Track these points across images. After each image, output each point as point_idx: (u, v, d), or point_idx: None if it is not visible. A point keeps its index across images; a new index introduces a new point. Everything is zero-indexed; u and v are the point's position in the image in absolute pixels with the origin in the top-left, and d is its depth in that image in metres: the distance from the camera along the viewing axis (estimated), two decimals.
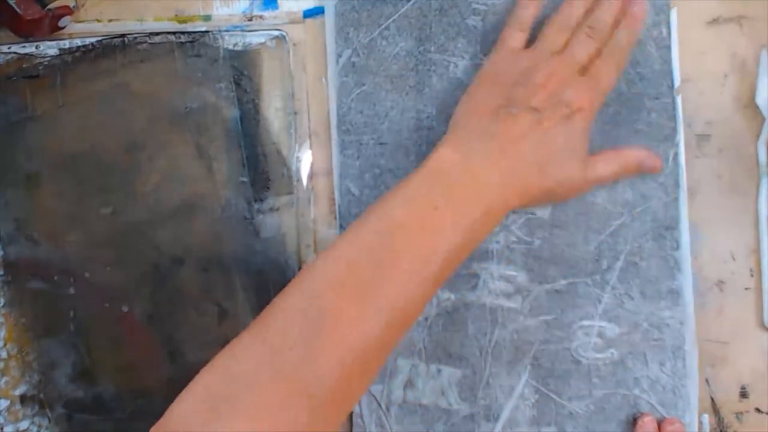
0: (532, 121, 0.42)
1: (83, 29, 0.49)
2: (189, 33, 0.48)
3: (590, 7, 0.45)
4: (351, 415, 0.48)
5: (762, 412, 0.48)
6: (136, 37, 0.48)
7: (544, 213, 0.48)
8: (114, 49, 0.48)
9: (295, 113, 0.49)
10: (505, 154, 0.42)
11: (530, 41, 0.46)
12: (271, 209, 0.48)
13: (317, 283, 0.38)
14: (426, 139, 0.48)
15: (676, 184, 0.47)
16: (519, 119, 0.42)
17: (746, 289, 0.49)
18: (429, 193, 0.40)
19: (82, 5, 0.49)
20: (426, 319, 0.48)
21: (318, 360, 0.36)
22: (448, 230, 0.40)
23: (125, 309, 0.48)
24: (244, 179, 0.48)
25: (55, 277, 0.48)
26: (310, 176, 0.49)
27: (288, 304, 0.38)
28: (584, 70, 0.44)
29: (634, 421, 0.47)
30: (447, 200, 0.40)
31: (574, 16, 0.45)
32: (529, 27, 0.46)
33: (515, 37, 0.46)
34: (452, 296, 0.48)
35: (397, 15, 0.49)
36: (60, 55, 0.48)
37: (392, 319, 0.38)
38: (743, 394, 0.48)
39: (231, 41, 0.48)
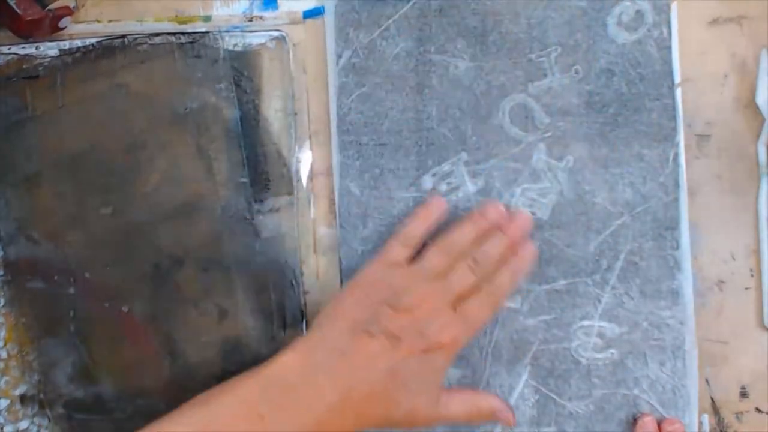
0: (388, 347, 0.40)
1: (83, 30, 0.49)
2: (189, 34, 0.48)
3: (479, 238, 0.44)
4: None
5: (762, 412, 0.48)
6: (136, 38, 0.48)
7: (544, 213, 0.48)
8: (114, 49, 0.48)
9: (295, 114, 0.49)
10: (350, 376, 0.40)
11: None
12: (271, 209, 0.48)
13: None
14: (426, 140, 0.48)
15: (676, 184, 0.47)
16: (374, 341, 0.40)
17: (746, 289, 0.49)
18: (259, 399, 0.38)
19: (82, 6, 0.49)
20: None
21: None
22: None
23: (125, 309, 0.48)
24: (244, 179, 0.48)
25: (55, 277, 0.48)
26: (310, 176, 0.49)
27: None
28: (458, 300, 0.42)
29: (634, 421, 0.47)
30: (275, 410, 0.38)
31: (460, 243, 0.44)
32: (416, 244, 0.45)
33: (397, 252, 0.44)
34: None
35: (397, 15, 0.49)
36: (60, 55, 0.48)
37: None
38: (743, 394, 0.48)
39: (231, 42, 0.49)
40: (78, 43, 0.48)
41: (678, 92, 0.47)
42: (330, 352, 0.40)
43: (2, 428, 0.48)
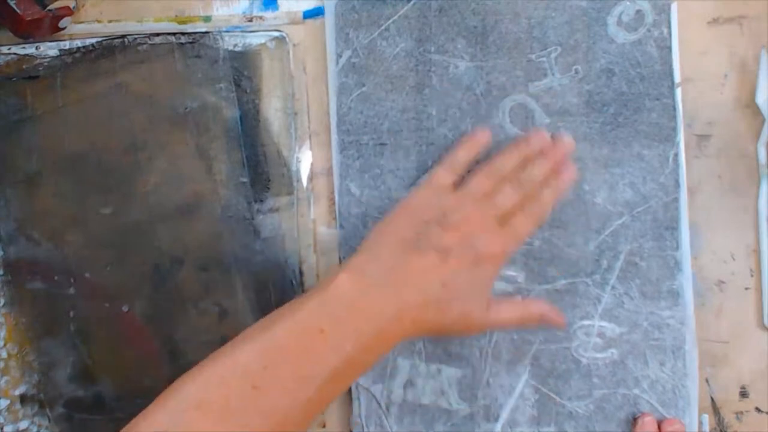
0: (438, 260, 0.42)
1: (83, 30, 0.49)
2: (189, 34, 0.48)
3: (523, 162, 0.45)
4: (351, 415, 0.48)
5: (762, 412, 0.48)
6: (136, 38, 0.48)
7: None
8: (114, 49, 0.48)
9: (295, 113, 0.49)
10: (405, 288, 0.41)
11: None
12: (271, 209, 0.48)
13: (182, 402, 0.37)
14: (426, 140, 0.48)
15: (676, 184, 0.47)
16: (425, 256, 0.42)
17: (746, 289, 0.49)
18: (318, 316, 0.40)
19: (82, 6, 0.49)
20: None
21: None
22: (330, 354, 0.39)
23: (125, 309, 0.48)
24: (244, 179, 0.48)
25: (55, 277, 0.48)
26: (310, 176, 0.49)
27: (149, 423, 0.37)
28: (503, 219, 0.44)
29: (634, 421, 0.47)
30: (334, 324, 0.39)
31: (505, 167, 0.45)
32: (462, 170, 0.46)
33: (444, 176, 0.45)
34: None
35: (397, 16, 0.49)
36: (60, 55, 0.48)
37: None
38: (743, 394, 0.48)
39: (231, 42, 0.49)
40: (78, 43, 0.48)
41: (678, 92, 0.47)
42: (382, 270, 0.42)
43: (2, 428, 0.48)
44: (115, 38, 0.48)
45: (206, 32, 0.48)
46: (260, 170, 0.49)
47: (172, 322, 0.48)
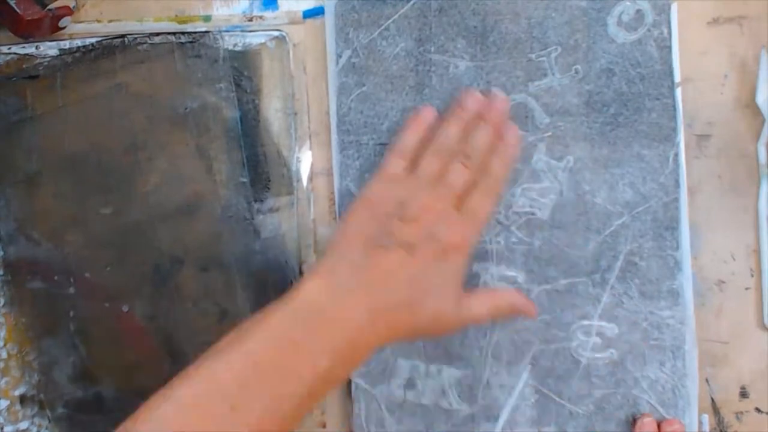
0: (405, 256, 0.41)
1: (83, 29, 0.49)
2: (189, 33, 0.48)
3: (466, 131, 0.45)
4: (351, 415, 0.48)
5: (762, 412, 0.48)
6: (136, 38, 0.48)
7: (544, 213, 0.48)
8: (114, 49, 0.48)
9: (295, 113, 0.49)
10: (374, 289, 0.40)
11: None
12: (271, 209, 0.48)
13: (160, 424, 0.36)
14: None
15: (676, 184, 0.47)
16: (391, 253, 0.41)
17: (746, 289, 0.49)
18: (290, 327, 0.39)
19: (82, 5, 0.49)
20: None
21: None
22: (307, 370, 0.38)
23: (125, 309, 0.48)
24: (244, 179, 0.48)
25: (55, 277, 0.48)
26: (310, 176, 0.49)
27: None
28: (460, 200, 0.43)
29: (633, 421, 0.47)
30: (308, 334, 0.39)
31: (450, 142, 0.45)
32: (412, 153, 0.45)
33: (395, 164, 0.45)
34: None
35: (397, 15, 0.49)
36: (60, 55, 0.48)
37: None
38: (743, 394, 0.48)
39: (231, 42, 0.49)
40: (78, 43, 0.48)
41: (678, 92, 0.47)
42: (350, 271, 0.41)
43: (2, 428, 0.48)
44: (115, 38, 0.48)
45: (206, 32, 0.48)
46: (260, 170, 0.49)
47: (172, 322, 0.48)
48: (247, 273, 0.48)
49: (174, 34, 0.48)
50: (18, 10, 0.45)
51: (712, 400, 0.49)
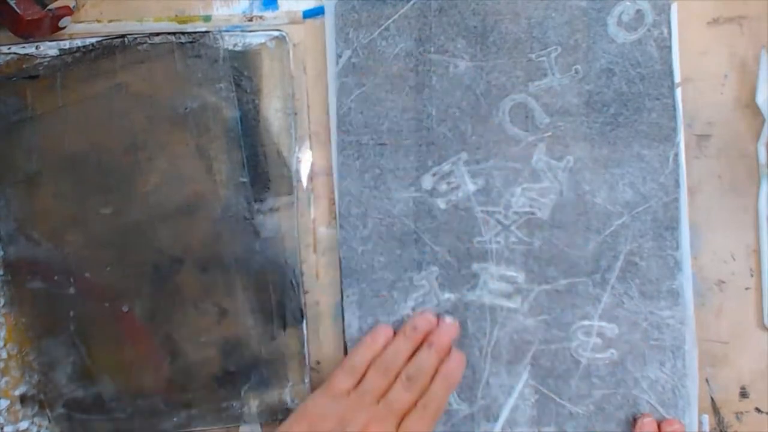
0: None
1: (83, 29, 0.49)
2: (189, 33, 0.48)
3: (413, 351, 0.46)
4: None
5: (762, 412, 0.48)
6: (136, 38, 0.48)
7: (544, 213, 0.48)
8: (114, 49, 0.48)
9: (295, 113, 0.49)
10: None
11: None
12: (271, 209, 0.48)
13: None
14: (426, 140, 0.48)
15: (676, 184, 0.47)
16: None
17: (746, 289, 0.49)
18: None
19: (82, 5, 0.49)
20: None
21: None
22: None
23: (125, 309, 0.48)
24: (244, 179, 0.48)
25: (55, 277, 0.48)
26: (310, 176, 0.49)
27: None
28: (400, 419, 0.44)
29: (633, 421, 0.47)
30: None
31: (396, 360, 0.45)
32: (360, 371, 0.46)
33: (342, 380, 0.45)
34: (452, 296, 0.48)
35: (397, 15, 0.49)
36: (60, 55, 0.48)
37: None
38: (743, 394, 0.48)
39: (231, 42, 0.49)
40: (78, 43, 0.48)
41: (678, 92, 0.47)
42: None
43: (2, 428, 0.48)
44: (115, 38, 0.48)
45: (206, 32, 0.48)
46: (260, 170, 0.49)
47: (172, 322, 0.48)
48: (247, 273, 0.48)
49: (174, 34, 0.48)
50: (18, 10, 0.45)
51: (712, 400, 0.49)
